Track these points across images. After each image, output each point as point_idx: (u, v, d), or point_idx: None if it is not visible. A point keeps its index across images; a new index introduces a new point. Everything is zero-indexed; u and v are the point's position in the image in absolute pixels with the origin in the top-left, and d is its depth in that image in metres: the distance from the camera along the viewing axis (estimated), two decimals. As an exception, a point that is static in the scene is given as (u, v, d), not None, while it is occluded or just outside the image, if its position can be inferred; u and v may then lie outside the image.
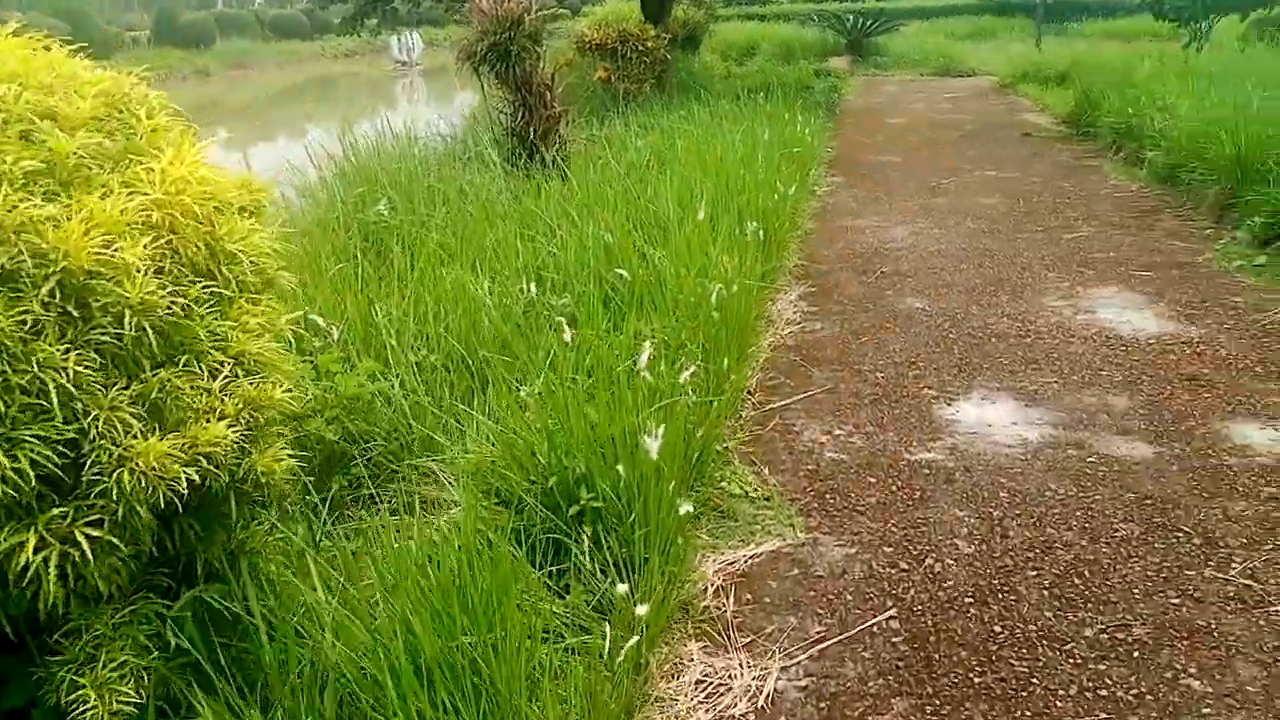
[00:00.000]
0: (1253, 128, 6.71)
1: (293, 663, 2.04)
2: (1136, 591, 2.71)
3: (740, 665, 2.48)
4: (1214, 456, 3.47)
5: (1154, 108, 8.86)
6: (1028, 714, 2.26)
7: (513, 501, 2.69)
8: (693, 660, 2.51)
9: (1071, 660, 2.44)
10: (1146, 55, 17.62)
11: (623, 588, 2.39)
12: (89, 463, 1.73)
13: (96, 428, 1.73)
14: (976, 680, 2.39)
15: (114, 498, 1.73)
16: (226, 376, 2.03)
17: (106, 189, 1.92)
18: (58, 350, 1.69)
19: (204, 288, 2.06)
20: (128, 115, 2.19)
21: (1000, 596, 2.72)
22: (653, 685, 2.39)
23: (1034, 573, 2.82)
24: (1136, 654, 2.45)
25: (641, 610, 2.34)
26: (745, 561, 2.95)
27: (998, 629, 2.58)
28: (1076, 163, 9.42)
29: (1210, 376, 4.15)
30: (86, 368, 1.72)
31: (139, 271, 1.80)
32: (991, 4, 38.81)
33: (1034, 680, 2.37)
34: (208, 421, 1.92)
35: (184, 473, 1.77)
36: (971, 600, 2.71)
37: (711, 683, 2.43)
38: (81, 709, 1.70)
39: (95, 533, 1.71)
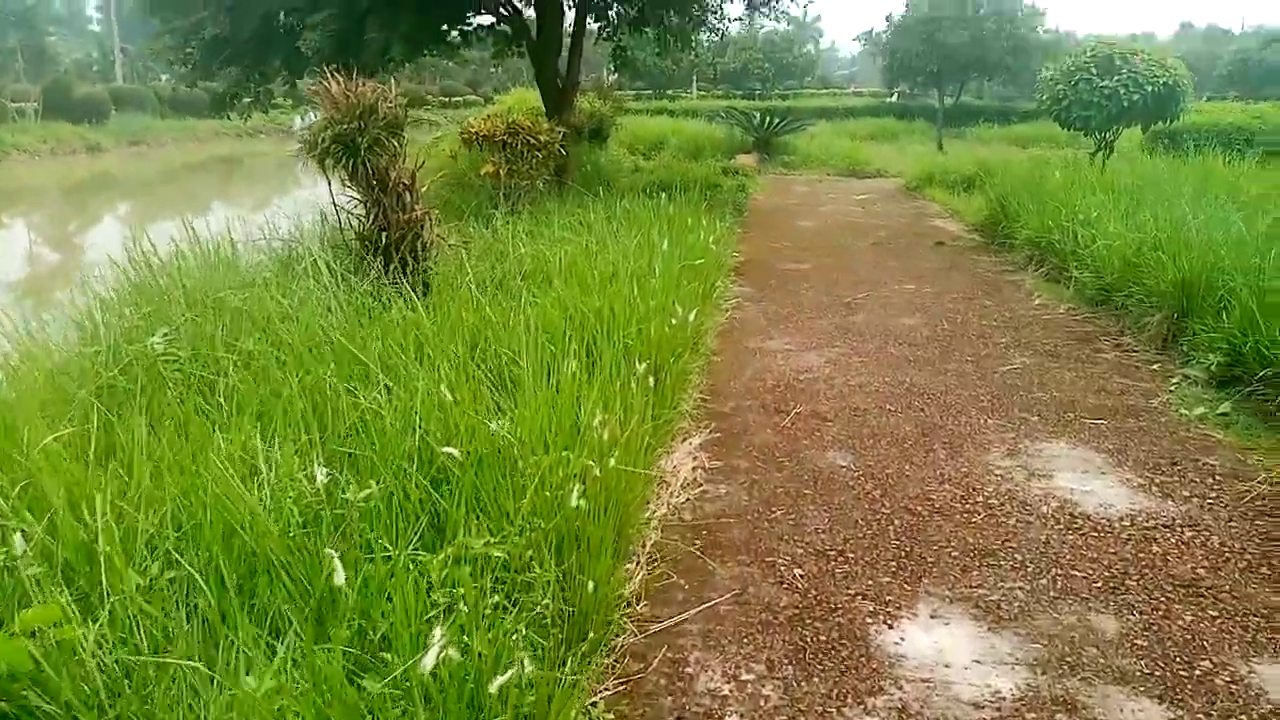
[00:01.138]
0: (1195, 252, 6.13)
1: None
2: None
3: None
4: (1251, 726, 2.55)
5: (1076, 222, 8.35)
6: None
7: None
8: None
9: None
10: (1049, 162, 17.80)
11: None
12: None
13: None
14: None
15: None
16: None
17: None
18: None
19: None
20: None
21: None
22: None
23: None
24: None
25: None
26: None
27: None
28: (996, 277, 8.84)
29: (1210, 582, 3.27)
30: None
31: None
32: (893, 107, 40.15)
33: None
34: None
35: None
36: None
37: None
38: None
39: None
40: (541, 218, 8.37)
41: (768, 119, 23.42)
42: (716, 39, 15.95)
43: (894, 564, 3.44)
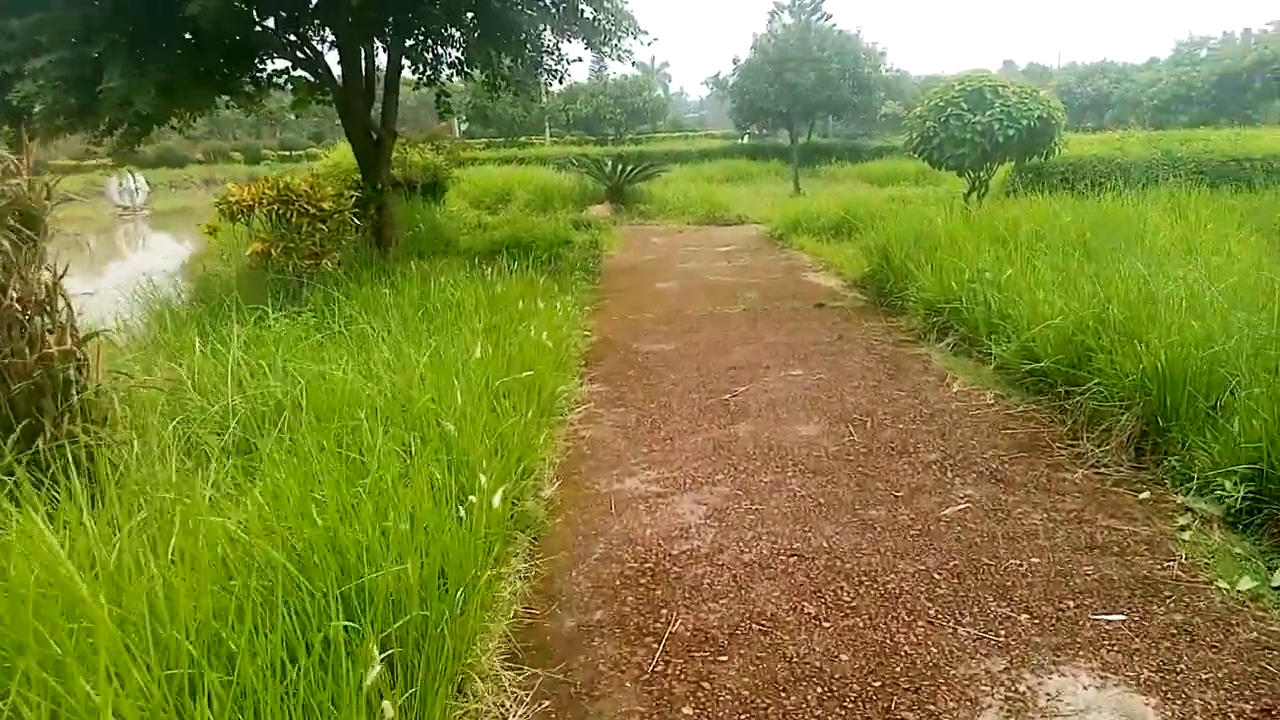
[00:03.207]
0: (1168, 331, 4.72)
1: None
2: None
3: None
4: None
5: (984, 283, 6.99)
6: None
7: None
8: None
9: None
10: (912, 201, 16.93)
11: None
12: None
13: None
14: None
15: None
16: None
17: None
18: None
19: None
20: None
21: None
22: None
23: None
24: None
25: None
26: None
27: None
28: (896, 351, 7.36)
29: None
30: None
31: None
32: (745, 147, 39.78)
33: None
34: None
35: None
36: None
37: None
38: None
39: None
40: (322, 313, 6.37)
41: (620, 166, 21.97)
42: (555, 82, 14.27)
43: None
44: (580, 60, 19.06)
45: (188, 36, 9.23)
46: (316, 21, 10.77)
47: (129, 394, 3.92)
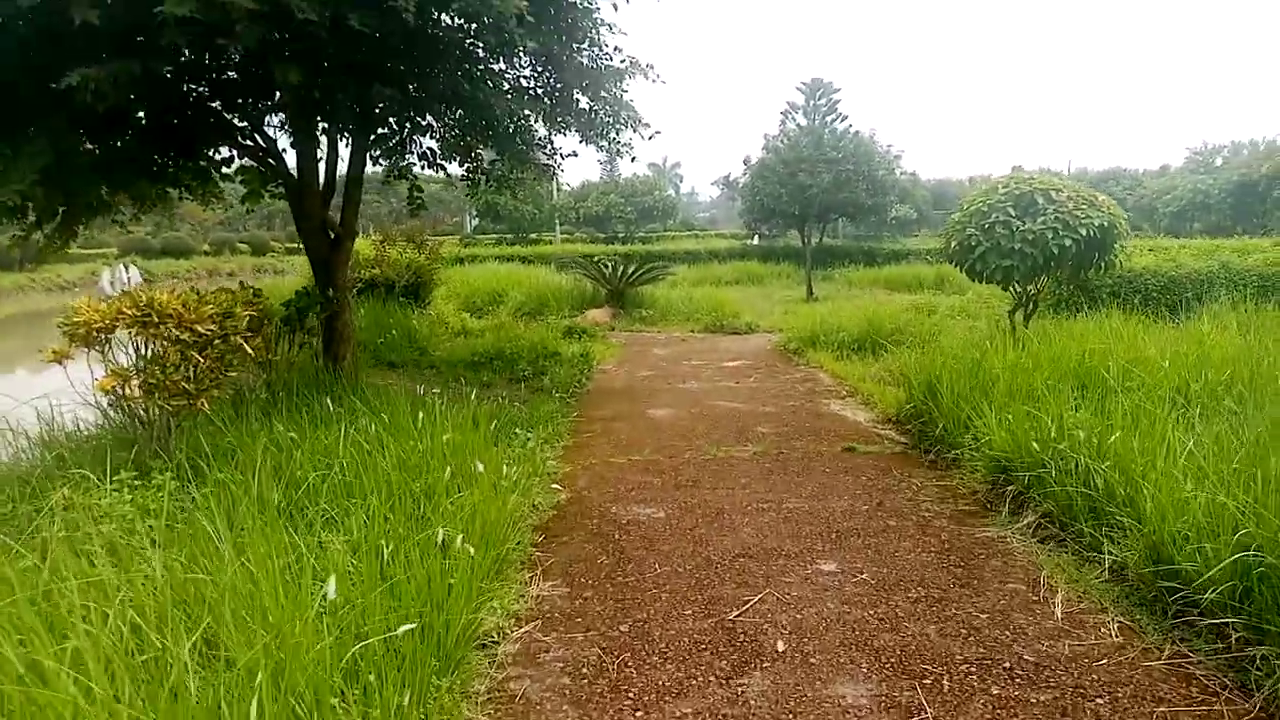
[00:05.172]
0: None
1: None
2: None
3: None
4: None
5: (1079, 447, 5.20)
6: None
7: None
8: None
9: None
10: (933, 311, 15.27)
11: None
12: None
13: None
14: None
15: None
16: None
17: None
18: None
19: None
20: None
21: None
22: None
23: None
24: None
25: None
26: None
27: None
28: (959, 531, 5.51)
29: None
30: None
31: None
32: (756, 248, 38.62)
33: None
34: None
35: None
36: None
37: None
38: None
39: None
40: (182, 479, 4.59)
41: (621, 268, 20.50)
42: (547, 179, 12.84)
43: None
44: (575, 155, 17.56)
45: (112, 118, 7.72)
46: (257, 103, 9.29)
47: None
